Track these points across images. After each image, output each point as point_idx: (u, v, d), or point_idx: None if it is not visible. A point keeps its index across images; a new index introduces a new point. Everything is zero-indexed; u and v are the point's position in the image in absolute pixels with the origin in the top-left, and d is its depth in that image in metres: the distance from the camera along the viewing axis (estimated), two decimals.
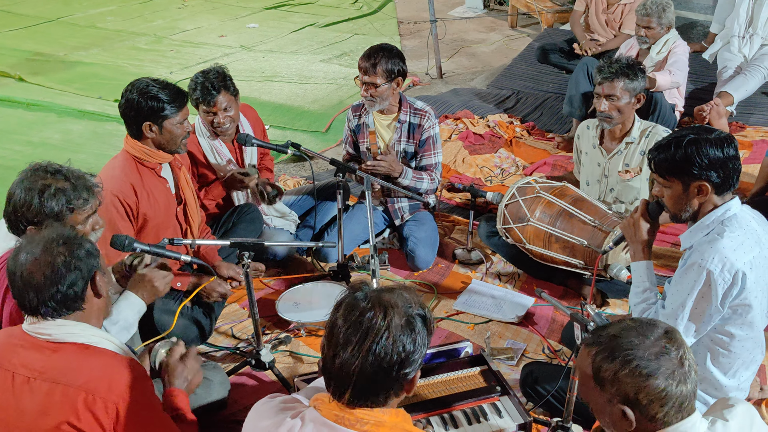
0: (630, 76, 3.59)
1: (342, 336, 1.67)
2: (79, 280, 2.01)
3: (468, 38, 8.53)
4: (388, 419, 1.69)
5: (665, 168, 2.50)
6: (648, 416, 1.69)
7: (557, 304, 2.62)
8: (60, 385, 1.93)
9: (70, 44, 8.42)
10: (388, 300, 1.70)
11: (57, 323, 2.01)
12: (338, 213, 3.61)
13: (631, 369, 1.67)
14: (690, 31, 7.09)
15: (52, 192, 2.37)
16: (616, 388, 1.70)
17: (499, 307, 3.62)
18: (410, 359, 1.68)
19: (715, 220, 2.46)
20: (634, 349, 1.69)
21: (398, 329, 1.66)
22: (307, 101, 6.66)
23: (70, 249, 2.01)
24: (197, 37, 8.72)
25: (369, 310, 1.68)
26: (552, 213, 3.55)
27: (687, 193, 2.47)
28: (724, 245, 2.36)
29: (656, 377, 1.66)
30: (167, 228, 3.28)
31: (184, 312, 3.22)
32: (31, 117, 6.39)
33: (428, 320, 1.75)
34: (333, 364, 1.68)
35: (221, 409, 2.93)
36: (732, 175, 2.43)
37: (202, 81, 3.58)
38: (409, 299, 1.73)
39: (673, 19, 5.11)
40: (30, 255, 1.99)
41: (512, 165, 5.18)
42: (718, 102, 5.26)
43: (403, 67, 3.80)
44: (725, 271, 2.35)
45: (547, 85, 6.57)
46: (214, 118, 3.64)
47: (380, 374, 1.65)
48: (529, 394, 2.89)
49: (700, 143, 2.41)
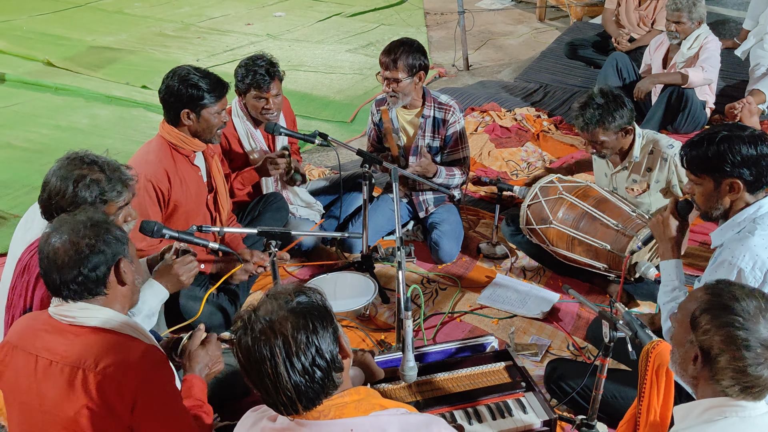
0: (606, 121, 3.35)
1: (256, 375, 1.61)
2: (102, 264, 2.02)
3: (495, 30, 8.47)
4: (350, 399, 1.66)
5: (697, 165, 2.48)
6: (714, 377, 1.69)
7: (585, 301, 2.60)
8: (80, 370, 1.94)
9: (98, 29, 8.47)
10: (265, 313, 1.62)
11: (79, 306, 2.02)
12: (363, 204, 3.61)
13: (728, 333, 1.66)
14: (722, 27, 7.00)
15: (87, 183, 2.38)
16: (705, 337, 1.70)
17: (524, 303, 3.59)
18: (327, 350, 1.61)
19: (747, 218, 2.44)
20: (743, 320, 1.66)
21: (293, 330, 1.59)
22: (332, 91, 6.65)
23: (97, 232, 2.02)
24: (224, 24, 8.74)
25: (258, 337, 1.59)
26: (575, 215, 3.50)
27: (718, 191, 2.46)
28: (755, 243, 2.35)
29: (745, 351, 1.64)
30: (197, 215, 3.30)
31: (209, 299, 3.23)
32: (59, 101, 6.44)
33: (313, 301, 1.66)
34: (270, 398, 1.63)
35: (245, 396, 2.95)
36: (765, 173, 2.41)
37: (255, 68, 3.62)
38: (283, 297, 1.64)
39: (704, 14, 5.03)
40: (59, 236, 2.01)
41: (539, 159, 5.14)
42: (750, 100, 5.17)
43: (425, 61, 3.76)
44: (756, 269, 2.33)
45: (575, 79, 6.51)
46: (265, 104, 3.67)
47: (310, 375, 1.59)
48: (553, 390, 2.87)
49: (733, 140, 2.39)
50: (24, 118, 6.07)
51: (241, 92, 3.71)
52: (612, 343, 2.37)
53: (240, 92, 3.73)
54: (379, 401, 1.71)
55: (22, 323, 2.12)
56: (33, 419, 2.00)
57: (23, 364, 2.02)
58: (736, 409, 1.67)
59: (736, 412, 1.67)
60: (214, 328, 3.32)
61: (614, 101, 3.37)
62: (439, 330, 3.46)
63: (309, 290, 1.69)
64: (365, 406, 1.67)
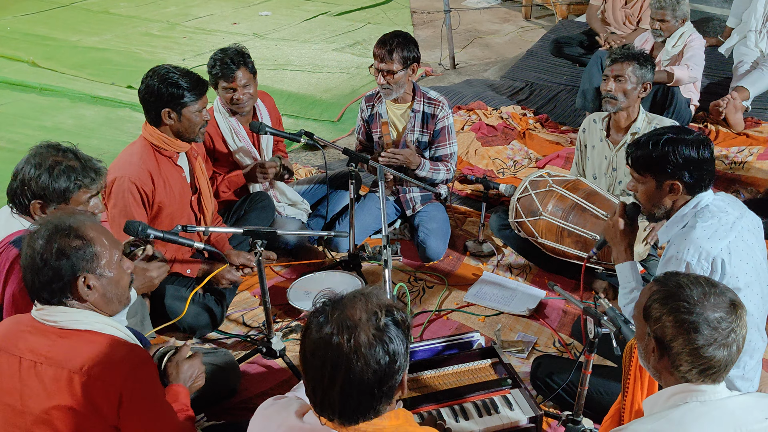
0: (640, 62, 3.62)
1: (312, 370, 1.60)
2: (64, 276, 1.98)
3: (482, 29, 8.49)
4: (388, 424, 1.65)
5: (641, 164, 2.62)
6: (673, 364, 1.75)
7: (570, 298, 2.62)
8: (65, 370, 1.93)
9: (84, 29, 8.42)
10: (351, 316, 1.59)
11: (59, 309, 2.01)
12: (350, 203, 3.61)
13: (676, 318, 1.73)
14: (706, 25, 7.03)
15: (62, 168, 2.42)
16: (657, 326, 1.77)
17: (510, 300, 3.61)
18: (390, 371, 1.59)
19: (688, 213, 2.56)
20: (689, 305, 1.72)
21: (368, 347, 1.56)
22: (319, 90, 6.65)
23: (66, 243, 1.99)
24: (210, 24, 8.71)
25: (332, 335, 1.57)
26: (565, 207, 3.53)
27: (660, 191, 2.59)
28: (697, 235, 2.46)
29: (695, 334, 1.70)
30: (181, 216, 3.28)
31: (195, 299, 3.23)
32: (44, 102, 6.40)
33: (401, 322, 1.64)
34: (314, 396, 1.62)
35: (231, 396, 2.95)
36: (705, 177, 2.54)
37: (222, 57, 3.59)
38: (374, 307, 1.62)
39: (687, 11, 5.07)
40: (37, 238, 2.00)
41: (525, 157, 5.16)
42: (735, 96, 5.22)
43: (418, 53, 3.80)
44: (702, 260, 2.43)
45: (561, 77, 6.53)
46: (233, 95, 3.64)
47: (363, 397, 1.58)
48: (539, 387, 2.89)
49: (678, 143, 2.52)
50: (9, 119, 6.03)
51: (213, 85, 3.62)
52: (596, 339, 2.39)
53: (213, 86, 3.64)
54: (414, 429, 1.70)
55: (5, 325, 2.11)
56: (15, 420, 1.99)
57: (7, 366, 2.01)
58: (697, 394, 1.73)
59: (697, 397, 1.73)
60: (201, 329, 3.32)
61: (649, 58, 3.68)
62: (426, 328, 3.46)
63: (399, 314, 1.65)
64: None
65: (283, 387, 3.05)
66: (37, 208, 2.46)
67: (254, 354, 3.14)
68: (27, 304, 2.36)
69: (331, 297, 1.66)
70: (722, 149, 5.07)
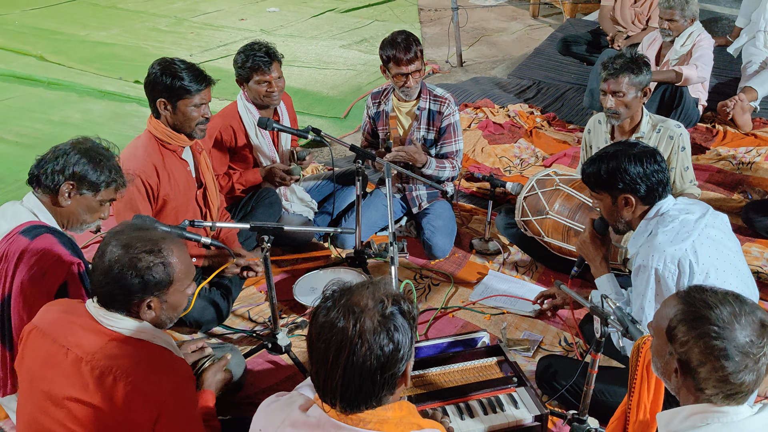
0: (634, 70, 3.51)
1: (317, 352, 1.62)
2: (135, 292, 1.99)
3: (489, 27, 8.47)
4: (392, 415, 1.66)
5: (593, 182, 2.71)
6: (698, 387, 1.66)
7: (576, 297, 2.61)
8: (111, 375, 1.91)
9: (91, 24, 8.44)
10: (357, 302, 1.62)
11: (116, 317, 2.00)
12: (357, 199, 3.61)
13: (706, 344, 1.63)
14: (714, 24, 7.01)
15: (108, 165, 2.54)
16: (683, 350, 1.67)
17: (516, 300, 3.60)
18: (393, 359, 1.61)
19: (651, 222, 2.61)
20: (719, 328, 1.62)
21: (372, 333, 1.58)
22: (326, 87, 6.65)
23: (147, 258, 1.99)
24: (217, 19, 8.73)
25: (338, 319, 1.60)
26: (571, 206, 3.52)
27: (616, 205, 2.67)
28: (660, 241, 2.50)
29: (725, 361, 1.61)
30: (186, 211, 3.29)
31: (201, 293, 3.23)
32: (52, 96, 6.42)
33: (407, 312, 1.66)
34: (317, 378, 1.64)
35: (237, 390, 2.96)
36: (656, 186, 2.60)
37: (256, 51, 3.66)
38: (381, 295, 1.65)
39: (696, 11, 5.05)
40: (115, 242, 2.01)
41: (532, 155, 5.15)
42: (743, 97, 5.20)
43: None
44: (668, 263, 2.47)
45: (569, 75, 6.52)
46: (268, 87, 3.70)
47: (365, 382, 1.60)
48: (545, 388, 2.88)
49: (621, 158, 2.60)
50: (17, 113, 6.05)
51: (243, 80, 3.71)
52: (603, 339, 2.38)
53: (241, 81, 3.72)
54: (417, 420, 1.71)
55: (56, 311, 2.10)
56: (47, 409, 1.97)
57: (51, 355, 1.99)
58: (719, 415, 1.65)
59: (719, 418, 1.65)
60: (206, 323, 3.33)
61: (643, 61, 3.57)
62: (431, 325, 3.46)
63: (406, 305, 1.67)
64: (405, 424, 1.67)
65: (288, 383, 3.06)
66: (68, 188, 2.49)
67: (260, 350, 3.15)
68: (35, 294, 2.38)
69: (341, 285, 1.70)
70: (730, 149, 5.06)
